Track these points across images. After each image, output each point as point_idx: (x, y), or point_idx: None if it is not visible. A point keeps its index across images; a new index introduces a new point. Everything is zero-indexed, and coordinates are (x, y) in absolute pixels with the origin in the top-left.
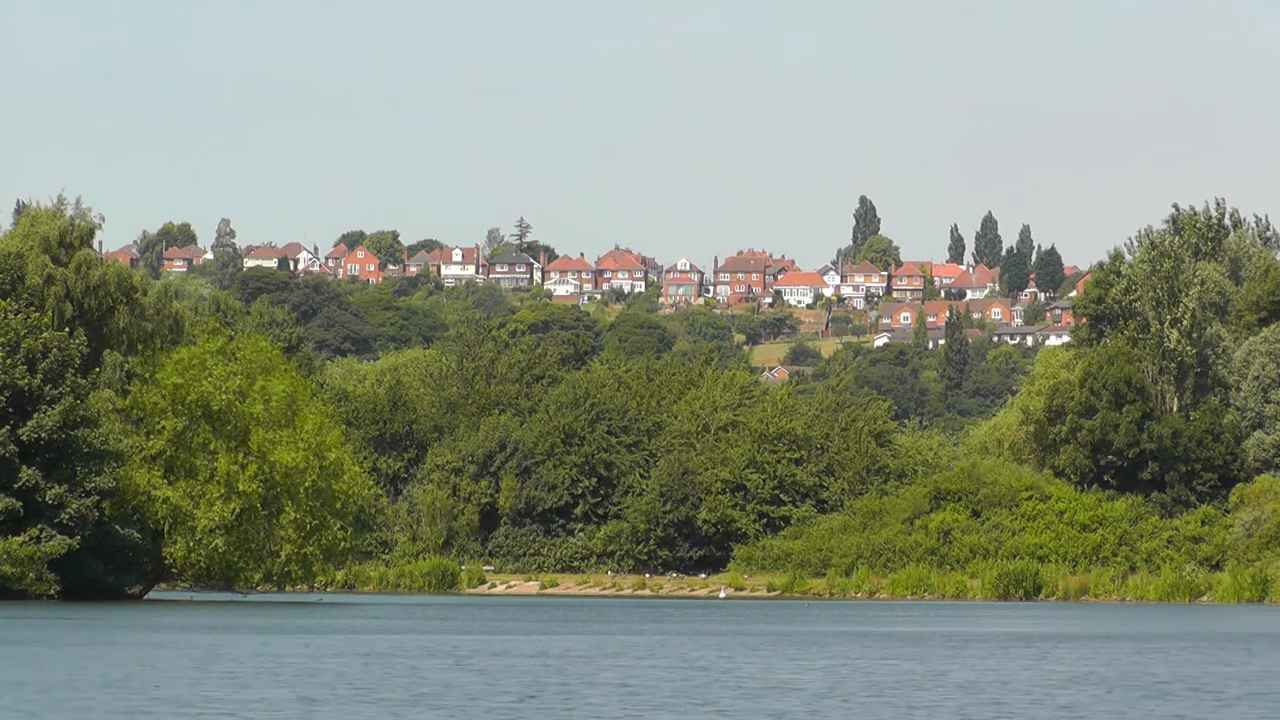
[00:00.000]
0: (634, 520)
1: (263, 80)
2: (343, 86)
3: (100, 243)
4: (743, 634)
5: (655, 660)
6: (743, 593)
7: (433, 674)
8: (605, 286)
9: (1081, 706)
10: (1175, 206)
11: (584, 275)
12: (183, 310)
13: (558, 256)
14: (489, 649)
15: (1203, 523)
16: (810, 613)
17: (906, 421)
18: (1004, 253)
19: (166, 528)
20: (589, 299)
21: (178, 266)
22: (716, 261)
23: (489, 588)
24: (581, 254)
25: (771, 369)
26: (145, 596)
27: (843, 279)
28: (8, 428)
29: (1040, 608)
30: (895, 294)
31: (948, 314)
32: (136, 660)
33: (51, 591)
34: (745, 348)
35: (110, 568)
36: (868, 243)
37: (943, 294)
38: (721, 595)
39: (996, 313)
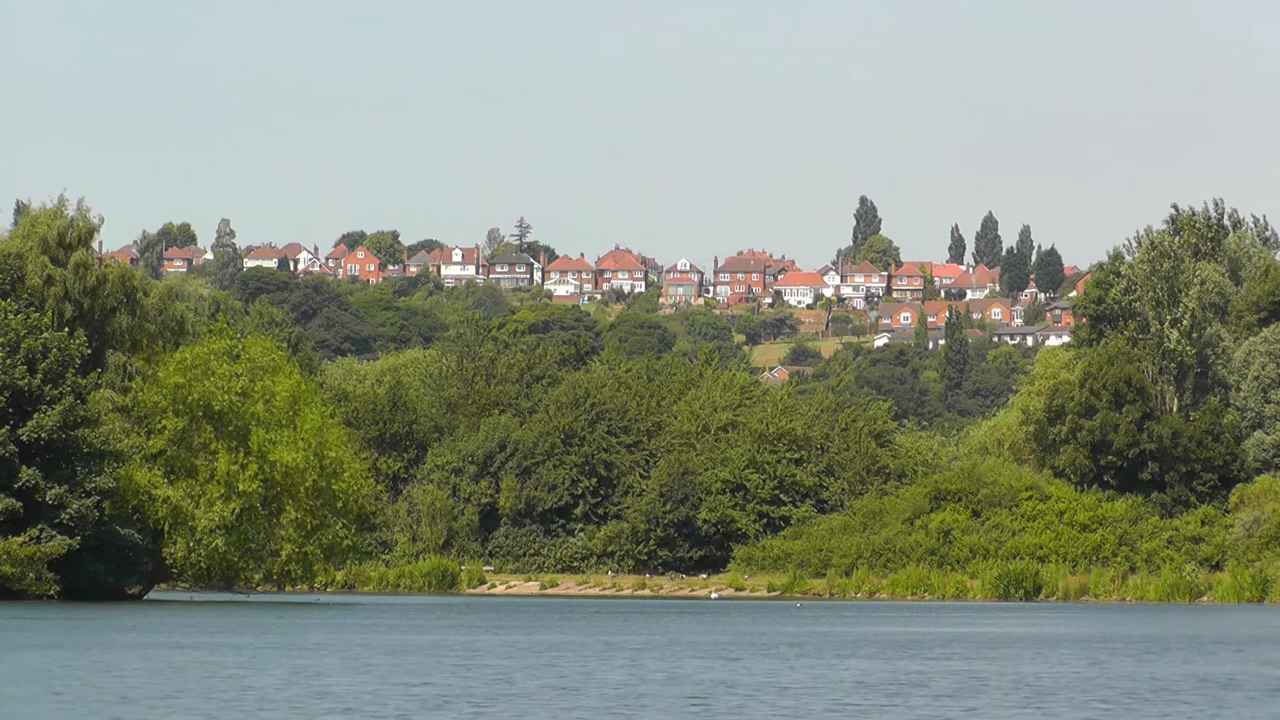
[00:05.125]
0: (634, 520)
1: (262, 80)
2: (343, 86)
3: (101, 243)
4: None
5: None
6: (742, 593)
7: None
8: (605, 287)
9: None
10: (1175, 207)
11: (584, 275)
12: (185, 312)
13: (558, 256)
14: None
15: (1203, 523)
16: (795, 614)
17: (906, 422)
18: (1004, 253)
19: (166, 528)
20: (589, 299)
21: (178, 267)
22: (716, 261)
23: (489, 588)
24: (581, 254)
25: (771, 369)
26: (145, 597)
27: (843, 279)
28: (8, 428)
29: (1039, 608)
30: (895, 294)
31: (948, 314)
32: None
33: (51, 592)
34: (745, 348)
35: (110, 568)
36: (868, 243)
37: (943, 294)
38: (714, 596)
39: (996, 313)
